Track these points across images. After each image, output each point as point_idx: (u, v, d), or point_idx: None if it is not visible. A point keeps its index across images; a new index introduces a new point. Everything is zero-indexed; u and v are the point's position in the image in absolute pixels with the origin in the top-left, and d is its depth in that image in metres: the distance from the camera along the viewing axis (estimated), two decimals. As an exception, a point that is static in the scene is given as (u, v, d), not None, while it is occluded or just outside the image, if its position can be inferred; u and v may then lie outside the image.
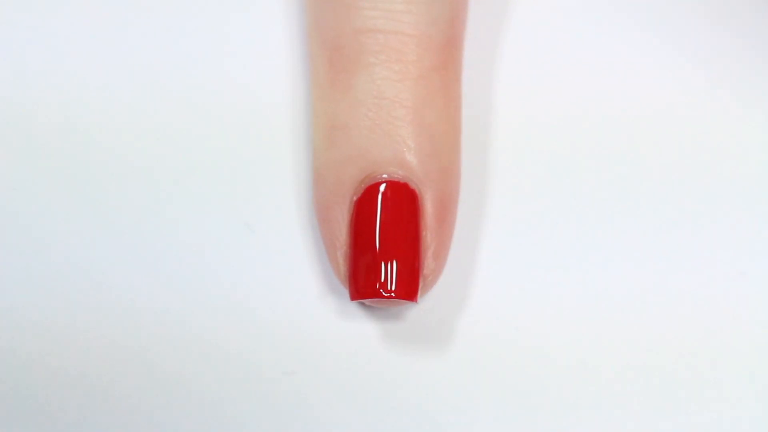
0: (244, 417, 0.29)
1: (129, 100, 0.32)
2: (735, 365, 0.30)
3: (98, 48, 0.32)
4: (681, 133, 0.32)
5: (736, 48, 0.32)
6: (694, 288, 0.30)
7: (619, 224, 0.31)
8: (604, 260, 0.30)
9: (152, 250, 0.30)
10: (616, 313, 0.30)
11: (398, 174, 0.28)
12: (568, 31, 0.33)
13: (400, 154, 0.28)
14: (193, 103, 0.32)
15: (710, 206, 0.31)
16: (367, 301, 0.29)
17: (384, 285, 0.28)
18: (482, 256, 0.30)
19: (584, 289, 0.30)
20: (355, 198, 0.28)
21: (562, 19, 0.33)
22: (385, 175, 0.28)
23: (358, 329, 0.30)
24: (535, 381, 0.29)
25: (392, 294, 0.28)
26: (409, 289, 0.28)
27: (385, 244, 0.28)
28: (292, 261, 0.30)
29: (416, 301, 0.28)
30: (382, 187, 0.28)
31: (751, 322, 0.30)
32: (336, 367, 0.29)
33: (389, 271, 0.28)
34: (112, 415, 0.29)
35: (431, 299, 0.30)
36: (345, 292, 0.29)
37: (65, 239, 0.30)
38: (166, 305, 0.30)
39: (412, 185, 0.28)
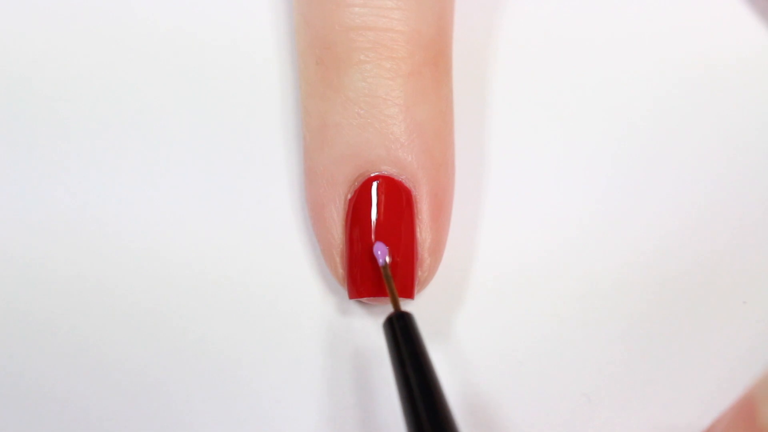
0: (246, 410, 0.29)
1: (118, 103, 0.32)
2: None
3: (88, 54, 0.32)
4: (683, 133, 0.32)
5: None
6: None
7: (616, 218, 0.31)
8: (602, 256, 0.30)
9: (150, 252, 0.30)
10: (615, 311, 0.30)
11: (392, 171, 0.28)
12: (562, 21, 0.33)
13: (394, 152, 0.28)
14: (178, 105, 0.32)
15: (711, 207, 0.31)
16: (364, 299, 0.29)
17: (381, 283, 0.28)
18: (478, 251, 0.30)
19: (582, 286, 0.30)
20: (349, 196, 0.28)
21: (554, 9, 0.33)
22: (378, 173, 0.28)
23: (356, 326, 0.30)
24: (532, 376, 0.29)
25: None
26: (405, 286, 0.28)
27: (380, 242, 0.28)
28: (288, 261, 0.30)
29: (413, 298, 0.28)
30: (377, 185, 0.28)
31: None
32: (336, 363, 0.29)
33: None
34: (108, 414, 0.29)
35: (428, 295, 0.30)
36: (342, 290, 0.29)
37: (65, 243, 0.30)
38: (165, 306, 0.30)
39: (406, 182, 0.28)
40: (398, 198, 0.28)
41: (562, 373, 0.29)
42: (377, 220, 0.28)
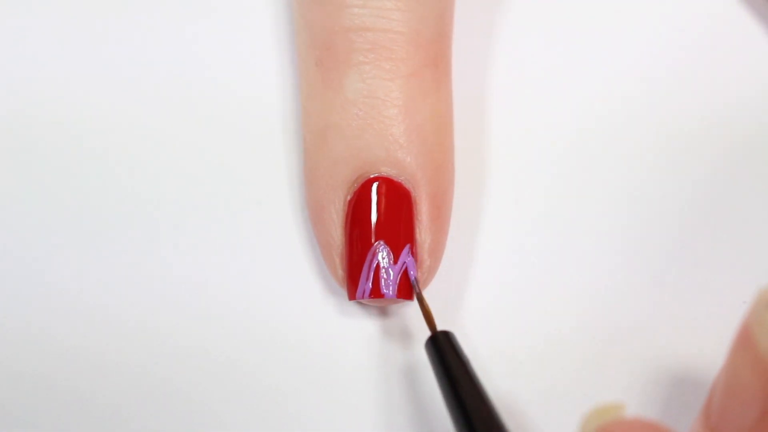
0: (245, 410, 0.29)
1: (120, 105, 0.32)
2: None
3: (92, 50, 0.32)
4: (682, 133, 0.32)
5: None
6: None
7: (615, 219, 0.31)
8: (601, 256, 0.30)
9: (148, 254, 0.30)
10: (614, 311, 0.30)
11: (391, 173, 0.28)
12: (561, 24, 0.33)
13: (393, 153, 0.28)
14: (178, 105, 0.32)
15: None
16: (364, 300, 0.29)
17: (381, 284, 0.28)
18: (478, 251, 0.30)
19: (582, 287, 0.30)
20: (348, 198, 0.28)
21: (554, 13, 0.33)
22: (378, 174, 0.28)
23: (356, 327, 0.30)
24: (532, 376, 0.29)
25: (387, 294, 0.28)
26: (405, 287, 0.28)
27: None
28: (289, 263, 0.30)
29: (413, 299, 0.28)
30: (376, 187, 0.28)
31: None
32: (335, 363, 0.29)
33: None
34: (109, 414, 0.29)
35: (428, 295, 0.30)
36: (341, 291, 0.29)
37: (67, 244, 0.31)
38: (164, 308, 0.30)
39: (406, 183, 0.28)
40: (397, 199, 0.28)
41: (562, 373, 0.29)
42: (377, 221, 0.28)
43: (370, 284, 0.28)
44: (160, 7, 0.33)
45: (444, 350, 0.26)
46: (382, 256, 0.28)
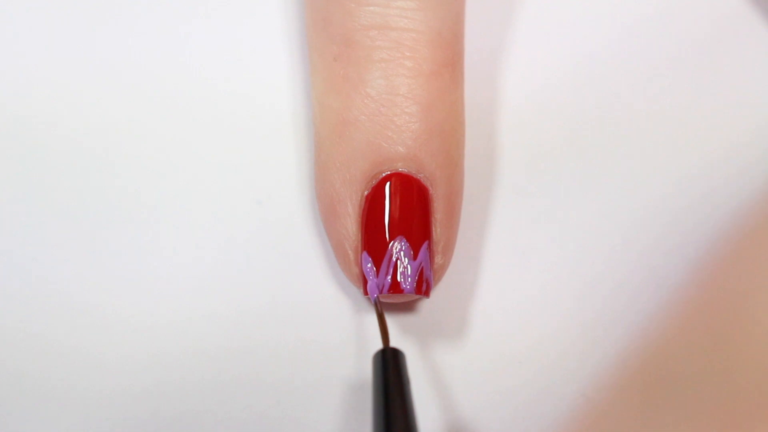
0: (257, 409, 0.29)
1: (122, 103, 0.31)
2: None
3: (102, 42, 0.32)
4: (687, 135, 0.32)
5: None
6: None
7: (623, 221, 0.31)
8: (602, 257, 0.31)
9: (156, 251, 0.30)
10: (615, 310, 0.30)
11: (410, 169, 0.28)
12: (565, 23, 0.33)
13: (413, 150, 0.28)
14: (181, 103, 0.31)
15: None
16: (381, 296, 0.29)
17: (398, 280, 0.28)
18: (479, 251, 0.31)
19: (582, 287, 0.30)
20: (366, 193, 0.28)
21: (555, 11, 0.34)
22: (397, 171, 0.28)
23: (356, 327, 0.30)
24: (532, 376, 0.30)
25: (406, 289, 0.28)
26: (422, 283, 0.28)
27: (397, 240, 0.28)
28: (288, 263, 0.30)
29: (428, 296, 0.29)
30: (394, 183, 0.28)
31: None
32: (336, 364, 0.29)
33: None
34: (108, 414, 0.29)
35: (442, 291, 0.30)
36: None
37: (65, 243, 0.30)
38: (172, 304, 0.30)
39: (424, 181, 0.29)
40: (415, 196, 0.28)
41: (561, 373, 0.30)
42: (394, 217, 0.28)
43: (389, 279, 0.28)
44: (167, 1, 0.32)
45: (388, 366, 0.26)
46: (402, 251, 0.28)
